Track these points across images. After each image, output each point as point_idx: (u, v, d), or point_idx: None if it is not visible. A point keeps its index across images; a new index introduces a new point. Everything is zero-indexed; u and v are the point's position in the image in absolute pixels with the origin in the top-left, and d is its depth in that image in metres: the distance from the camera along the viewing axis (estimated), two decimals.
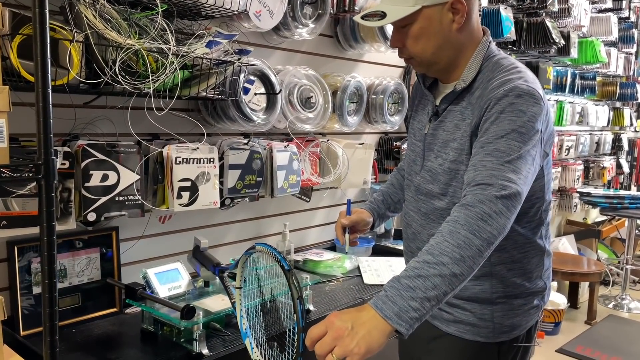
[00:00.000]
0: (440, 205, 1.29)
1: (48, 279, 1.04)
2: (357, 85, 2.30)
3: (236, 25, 1.83)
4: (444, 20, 1.21)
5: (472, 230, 1.01)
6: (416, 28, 1.22)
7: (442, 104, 1.30)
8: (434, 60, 1.27)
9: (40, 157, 1.01)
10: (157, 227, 1.83)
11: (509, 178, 1.07)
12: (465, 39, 1.26)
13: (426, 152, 1.34)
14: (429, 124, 1.34)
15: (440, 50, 1.25)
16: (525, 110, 1.13)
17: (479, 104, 1.20)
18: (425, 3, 1.19)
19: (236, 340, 1.51)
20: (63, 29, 1.28)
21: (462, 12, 1.21)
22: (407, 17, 1.21)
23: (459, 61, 1.27)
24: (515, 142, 1.11)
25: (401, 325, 0.95)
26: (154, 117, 1.63)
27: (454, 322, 1.32)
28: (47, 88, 1.00)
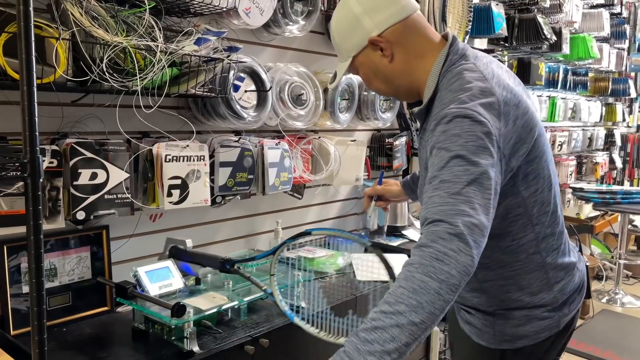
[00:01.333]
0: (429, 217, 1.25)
1: (35, 278, 1.04)
2: (349, 82, 2.30)
3: (225, 22, 1.83)
4: (374, 58, 1.25)
5: (427, 272, 0.93)
6: (361, 73, 1.31)
7: (420, 120, 1.29)
8: (392, 91, 1.31)
9: (26, 155, 1.01)
10: (147, 225, 1.83)
11: (460, 211, 0.97)
12: (406, 63, 1.24)
13: (421, 168, 1.35)
14: (418, 142, 1.37)
15: (390, 82, 1.28)
16: (460, 133, 1.04)
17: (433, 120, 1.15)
18: (352, 53, 1.26)
19: (227, 337, 1.50)
20: (49, 26, 1.27)
21: (384, 46, 1.22)
22: (348, 70, 1.30)
23: (416, 81, 1.25)
24: (458, 168, 1.01)
25: None
26: (143, 115, 1.62)
27: (467, 323, 1.36)
28: (32, 86, 0.99)
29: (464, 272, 0.94)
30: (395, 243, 2.47)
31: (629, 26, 5.12)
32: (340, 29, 1.27)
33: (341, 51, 1.29)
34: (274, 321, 1.62)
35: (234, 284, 1.69)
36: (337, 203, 2.58)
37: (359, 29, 1.23)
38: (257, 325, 1.59)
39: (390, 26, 1.21)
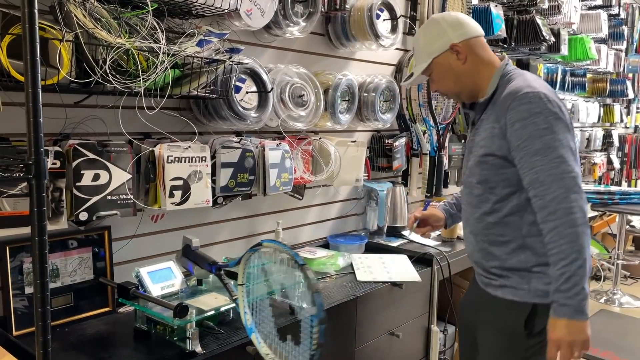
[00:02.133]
0: (478, 192, 1.61)
1: (40, 279, 1.04)
2: (349, 83, 2.31)
3: (227, 23, 1.83)
4: (450, 61, 1.62)
5: (570, 225, 1.38)
6: (436, 75, 1.67)
7: (476, 115, 1.66)
8: (458, 90, 1.67)
9: (31, 156, 1.01)
10: (149, 226, 1.84)
11: (563, 170, 1.40)
12: (474, 67, 1.62)
13: (467, 155, 1.70)
14: (469, 134, 1.71)
15: (459, 83, 1.64)
16: (541, 110, 1.44)
17: (499, 111, 1.53)
18: (433, 56, 1.63)
19: (229, 338, 1.51)
20: (53, 28, 1.28)
21: (462, 50, 1.60)
22: (426, 70, 1.66)
23: (480, 84, 1.62)
24: (548, 137, 1.42)
25: (583, 315, 1.39)
26: (146, 116, 1.63)
27: (500, 287, 1.60)
28: (37, 88, 1.00)
29: (584, 210, 1.40)
30: (394, 243, 2.48)
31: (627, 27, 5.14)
32: (426, 35, 1.65)
33: (422, 54, 1.65)
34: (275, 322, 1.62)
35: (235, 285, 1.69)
36: (337, 204, 2.59)
37: (443, 37, 1.61)
38: None
39: (466, 39, 1.61)
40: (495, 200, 1.56)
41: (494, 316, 1.61)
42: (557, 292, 1.39)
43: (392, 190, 2.62)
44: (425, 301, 2.31)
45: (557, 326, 1.40)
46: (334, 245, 2.41)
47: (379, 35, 2.34)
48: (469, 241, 1.70)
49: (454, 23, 1.63)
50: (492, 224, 1.58)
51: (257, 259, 1.35)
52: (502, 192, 1.55)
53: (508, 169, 1.52)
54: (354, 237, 2.49)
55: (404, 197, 2.67)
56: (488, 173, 1.56)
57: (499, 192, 1.55)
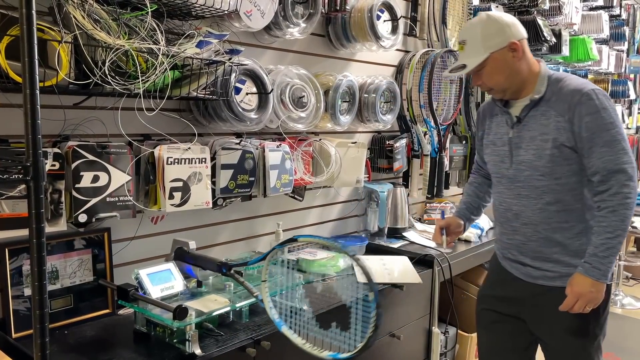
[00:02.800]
0: (540, 184, 1.72)
1: (38, 281, 1.04)
2: (349, 84, 2.30)
3: (227, 25, 1.83)
4: (506, 57, 1.70)
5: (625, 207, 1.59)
6: (489, 68, 1.72)
7: (523, 112, 1.75)
8: (507, 86, 1.75)
9: (29, 158, 1.01)
10: (149, 227, 1.83)
11: (626, 161, 1.60)
12: (525, 66, 1.73)
13: (514, 151, 1.77)
14: (511, 130, 1.78)
15: (510, 79, 1.73)
16: (607, 106, 1.63)
17: (562, 106, 1.66)
18: (491, 50, 1.70)
19: (229, 340, 1.51)
20: (51, 29, 1.28)
21: (518, 49, 1.70)
22: (480, 63, 1.71)
23: (526, 82, 1.74)
24: (613, 130, 1.61)
25: (606, 279, 1.61)
26: (145, 118, 1.63)
27: (559, 277, 1.72)
28: (35, 89, 1.00)
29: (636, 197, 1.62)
30: (395, 245, 2.48)
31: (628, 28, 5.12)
32: (485, 29, 1.72)
33: (478, 47, 1.71)
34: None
35: (235, 286, 1.69)
36: (337, 205, 2.59)
37: (503, 34, 1.70)
38: (258, 328, 1.59)
39: (522, 39, 1.72)
40: (560, 190, 1.70)
41: (555, 307, 1.69)
42: (593, 256, 1.61)
43: (392, 191, 2.61)
44: (426, 303, 2.30)
45: (583, 283, 1.61)
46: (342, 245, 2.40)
47: (380, 36, 2.33)
48: (521, 233, 1.78)
49: (510, 22, 1.73)
50: (555, 212, 1.71)
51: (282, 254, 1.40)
52: (568, 181, 1.69)
53: (573, 159, 1.67)
54: (354, 239, 2.48)
55: (405, 198, 2.66)
56: (553, 165, 1.69)
57: (565, 182, 1.69)
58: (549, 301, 1.73)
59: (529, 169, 1.73)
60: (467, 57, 1.76)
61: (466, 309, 2.68)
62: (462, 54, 1.78)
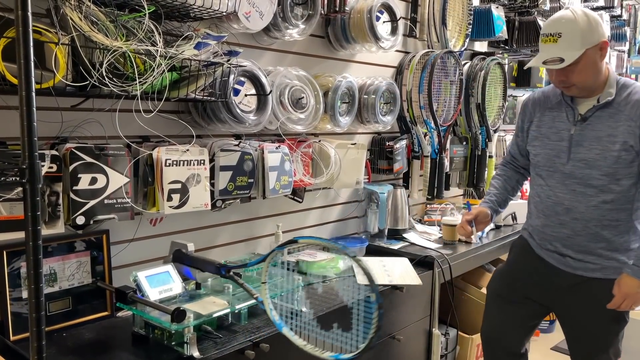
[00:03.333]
0: (599, 183, 1.78)
1: (34, 284, 1.03)
2: (349, 85, 2.30)
3: (225, 26, 1.83)
4: (596, 56, 1.74)
5: None
6: (581, 65, 1.72)
7: (589, 112, 1.80)
8: (590, 84, 1.77)
9: (25, 161, 1.00)
10: (148, 229, 1.83)
11: None
12: (604, 67, 1.79)
13: (573, 147, 1.82)
14: (574, 127, 1.83)
15: (595, 77, 1.76)
16: None
17: (633, 111, 1.74)
18: (587, 46, 1.71)
19: (228, 342, 1.50)
20: (48, 31, 1.27)
21: (606, 49, 1.74)
22: (577, 58, 1.71)
23: (600, 83, 1.79)
24: None
25: None
26: (143, 120, 1.62)
27: (600, 269, 1.83)
28: (31, 91, 0.99)
29: None
30: (396, 246, 2.47)
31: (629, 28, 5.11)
32: (586, 24, 1.71)
33: (577, 41, 1.70)
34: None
35: (234, 289, 1.69)
36: (337, 206, 2.58)
37: (598, 31, 1.72)
38: (257, 330, 1.58)
39: (607, 39, 1.75)
40: (618, 191, 1.77)
41: (593, 296, 1.83)
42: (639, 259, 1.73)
43: (393, 192, 2.60)
44: (427, 304, 2.30)
45: (631, 284, 1.74)
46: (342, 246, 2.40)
47: (379, 37, 2.33)
48: (569, 227, 1.85)
49: (600, 21, 1.75)
50: (609, 210, 1.79)
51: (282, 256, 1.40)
52: (627, 183, 1.77)
53: (636, 162, 1.75)
54: (354, 240, 2.47)
55: (405, 199, 2.65)
56: (618, 166, 1.75)
57: (624, 183, 1.77)
58: (587, 291, 1.84)
59: (590, 168, 1.79)
60: (562, 50, 1.73)
61: (467, 311, 2.67)
62: (554, 47, 1.75)
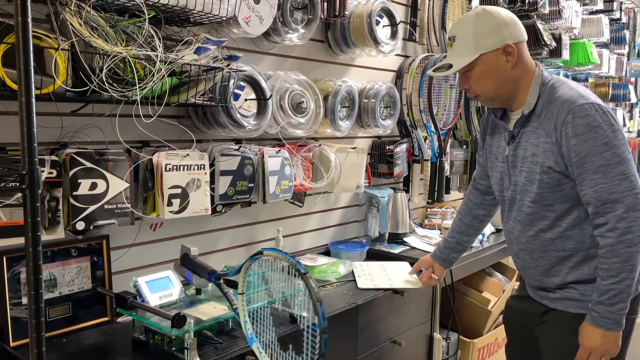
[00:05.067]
0: (531, 211, 1.55)
1: (34, 290, 1.03)
2: (349, 89, 2.30)
3: (225, 31, 1.83)
4: (499, 61, 1.51)
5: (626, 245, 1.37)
6: (477, 72, 1.53)
7: (515, 128, 1.57)
8: (496, 94, 1.56)
9: (25, 167, 1.00)
10: (148, 234, 1.82)
11: (625, 188, 1.37)
12: (519, 73, 1.53)
13: (511, 170, 1.61)
14: (508, 147, 1.61)
15: (501, 86, 1.53)
16: (599, 123, 1.39)
17: (549, 124, 1.46)
18: (482, 51, 1.50)
19: (228, 348, 1.50)
20: (49, 37, 1.27)
21: (513, 53, 1.50)
22: (469, 64, 1.51)
23: (518, 91, 1.54)
24: (608, 153, 1.38)
25: (620, 326, 1.43)
26: (143, 125, 1.62)
27: (560, 300, 1.59)
28: (31, 97, 0.99)
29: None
30: (396, 250, 2.46)
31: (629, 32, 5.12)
32: (480, 28, 1.50)
33: (468, 46, 1.51)
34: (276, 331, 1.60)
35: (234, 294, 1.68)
36: (338, 210, 2.58)
37: (498, 33, 1.49)
38: None
39: (519, 41, 1.51)
40: (554, 217, 1.52)
41: (556, 329, 1.61)
42: (599, 304, 1.43)
43: (393, 196, 2.60)
44: (428, 308, 2.29)
45: (593, 334, 1.45)
46: (335, 253, 2.40)
47: (379, 41, 2.33)
48: (521, 259, 1.67)
49: (509, 21, 1.51)
50: (551, 239, 1.55)
51: (257, 267, 1.35)
52: (561, 207, 1.51)
53: (566, 184, 1.48)
54: (355, 244, 2.47)
55: (406, 203, 2.65)
56: (544, 191, 1.51)
57: (558, 208, 1.51)
58: (549, 323, 1.64)
59: (520, 193, 1.58)
60: (454, 55, 1.56)
61: (468, 315, 2.66)
62: (450, 52, 1.58)
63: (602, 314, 1.43)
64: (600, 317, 1.43)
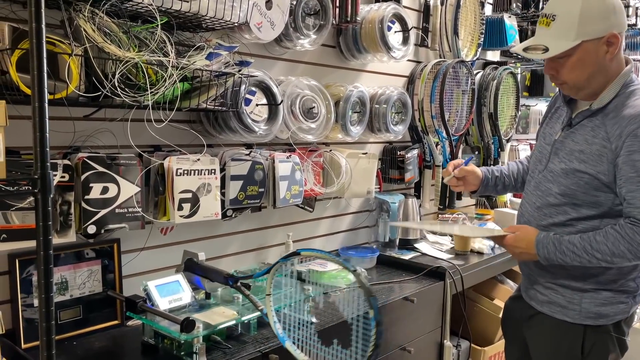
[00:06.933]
0: (554, 202, 1.51)
1: (45, 293, 1.04)
2: (360, 94, 2.30)
3: (237, 36, 1.84)
4: (599, 52, 1.39)
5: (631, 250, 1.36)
6: (574, 59, 1.40)
7: (577, 118, 1.50)
8: (585, 86, 1.45)
9: (37, 171, 1.01)
10: (158, 238, 1.83)
11: None
12: (614, 67, 1.43)
13: (552, 156, 1.55)
14: (561, 132, 1.55)
15: (592, 78, 1.43)
16: None
17: (614, 129, 1.39)
18: (585, 38, 1.37)
19: (237, 353, 1.49)
20: (62, 42, 1.29)
21: (616, 44, 1.39)
22: (567, 51, 1.39)
23: (604, 84, 1.44)
24: None
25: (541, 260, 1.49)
26: (155, 129, 1.63)
27: (547, 303, 1.57)
28: (44, 102, 1.00)
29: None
30: (407, 257, 2.45)
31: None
32: (589, 10, 1.36)
33: (572, 30, 1.37)
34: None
35: (244, 299, 1.68)
36: (348, 216, 2.57)
37: (606, 20, 1.36)
38: (267, 340, 1.58)
39: (623, 31, 1.40)
40: (574, 217, 1.48)
41: (542, 335, 1.58)
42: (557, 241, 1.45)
43: (404, 202, 2.59)
44: (438, 315, 2.27)
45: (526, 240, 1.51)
46: (345, 258, 2.39)
47: (391, 47, 2.33)
48: None
49: (619, 8, 1.38)
50: None
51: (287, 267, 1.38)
52: (587, 212, 1.46)
53: (603, 193, 1.42)
54: (365, 250, 2.46)
55: (417, 209, 2.64)
56: (577, 190, 1.45)
57: (584, 212, 1.46)
58: (535, 328, 1.62)
59: (552, 182, 1.52)
60: (551, 37, 1.40)
61: (479, 322, 2.64)
62: (545, 32, 1.42)
63: (548, 243, 1.47)
64: (546, 243, 1.47)
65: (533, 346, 1.67)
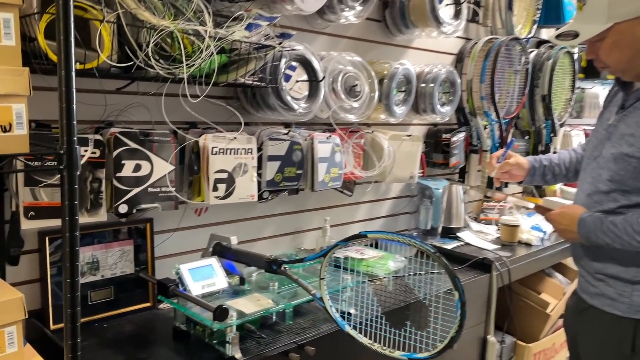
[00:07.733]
0: (604, 188, 1.45)
1: (70, 277, 0.97)
2: (406, 72, 2.15)
3: (278, 7, 1.73)
4: (636, 32, 1.34)
5: None
6: (609, 42, 1.37)
7: (630, 99, 1.43)
8: (628, 68, 1.41)
9: (63, 145, 0.93)
10: (192, 219, 1.76)
11: None
12: None
13: (606, 141, 1.48)
14: (615, 116, 1.48)
15: (634, 59, 1.38)
16: None
17: None
18: (617, 19, 1.34)
19: (272, 343, 1.42)
20: (94, 8, 1.20)
21: None
22: (599, 34, 1.36)
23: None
24: None
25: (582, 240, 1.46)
26: (190, 105, 1.54)
27: (597, 295, 1.50)
28: (70, 70, 0.92)
29: None
30: (449, 246, 2.32)
31: None
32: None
33: (603, 13, 1.34)
34: (322, 327, 1.51)
35: (280, 285, 1.60)
36: (388, 201, 2.45)
37: (636, 1, 1.32)
38: (303, 331, 1.49)
39: None
40: (624, 205, 1.42)
41: (592, 332, 1.52)
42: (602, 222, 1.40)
43: (448, 188, 2.45)
44: (482, 309, 2.15)
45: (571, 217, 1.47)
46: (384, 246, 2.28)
47: (441, 21, 2.17)
48: None
49: None
50: None
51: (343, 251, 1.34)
52: (637, 200, 1.40)
53: None
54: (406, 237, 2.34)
55: (461, 196, 2.49)
56: (627, 175, 1.40)
57: (633, 199, 1.40)
58: (586, 324, 1.55)
59: (602, 168, 1.47)
60: (583, 21, 1.39)
61: (525, 318, 2.50)
62: (578, 17, 1.41)
63: (589, 226, 1.43)
64: (585, 224, 1.44)
65: (582, 342, 1.59)
